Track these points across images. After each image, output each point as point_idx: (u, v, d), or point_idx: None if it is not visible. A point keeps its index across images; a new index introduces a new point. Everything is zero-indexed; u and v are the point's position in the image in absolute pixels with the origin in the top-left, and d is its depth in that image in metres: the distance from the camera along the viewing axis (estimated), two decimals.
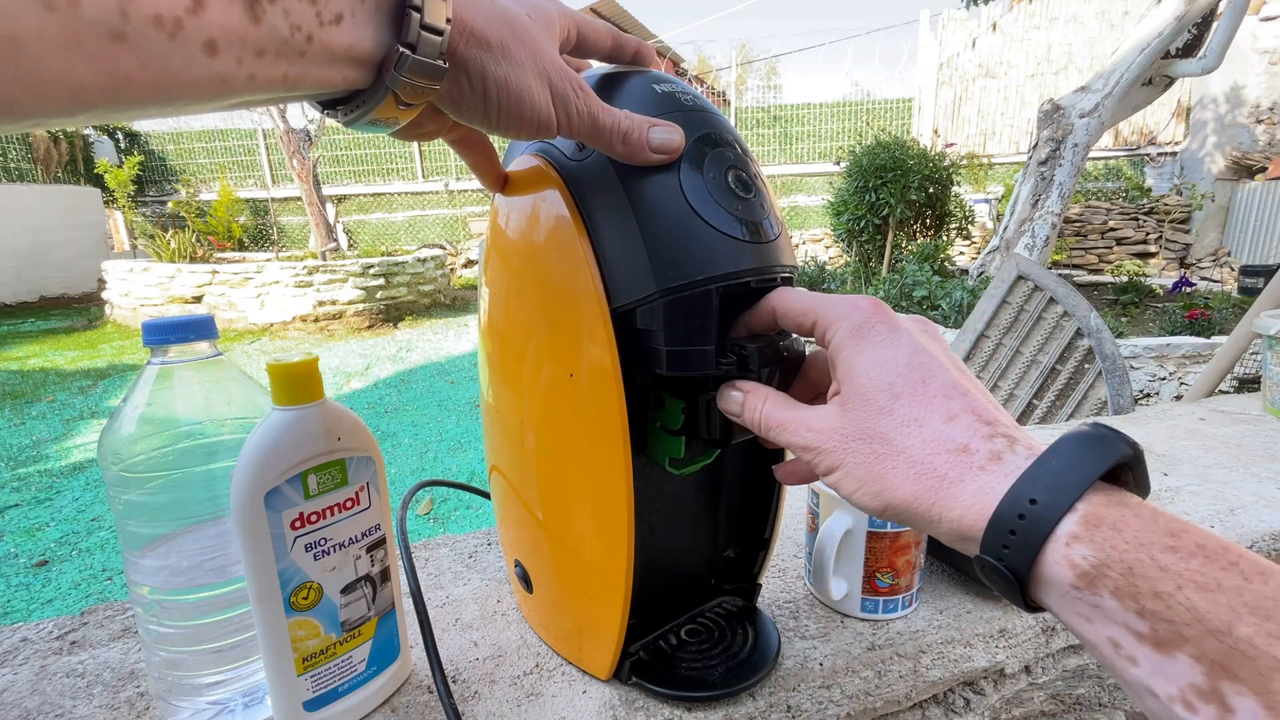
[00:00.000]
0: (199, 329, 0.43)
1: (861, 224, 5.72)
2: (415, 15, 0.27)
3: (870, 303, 0.33)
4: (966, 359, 2.44)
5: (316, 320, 6.47)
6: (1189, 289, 4.69)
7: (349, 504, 0.42)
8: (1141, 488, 0.27)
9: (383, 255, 7.65)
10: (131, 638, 0.55)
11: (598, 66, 0.45)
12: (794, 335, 0.40)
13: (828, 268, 5.37)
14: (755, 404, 0.36)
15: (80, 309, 8.12)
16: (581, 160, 0.40)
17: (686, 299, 0.38)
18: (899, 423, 0.30)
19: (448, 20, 0.28)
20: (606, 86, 0.41)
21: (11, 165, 9.20)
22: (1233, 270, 6.20)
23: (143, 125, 10.79)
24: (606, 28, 0.40)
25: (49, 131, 9.46)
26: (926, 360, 0.31)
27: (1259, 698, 0.20)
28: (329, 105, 0.30)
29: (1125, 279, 5.10)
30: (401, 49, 0.27)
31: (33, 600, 2.30)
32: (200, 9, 0.21)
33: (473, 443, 3.63)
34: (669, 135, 0.37)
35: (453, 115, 0.33)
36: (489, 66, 0.31)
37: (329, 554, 0.41)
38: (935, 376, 0.30)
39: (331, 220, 9.03)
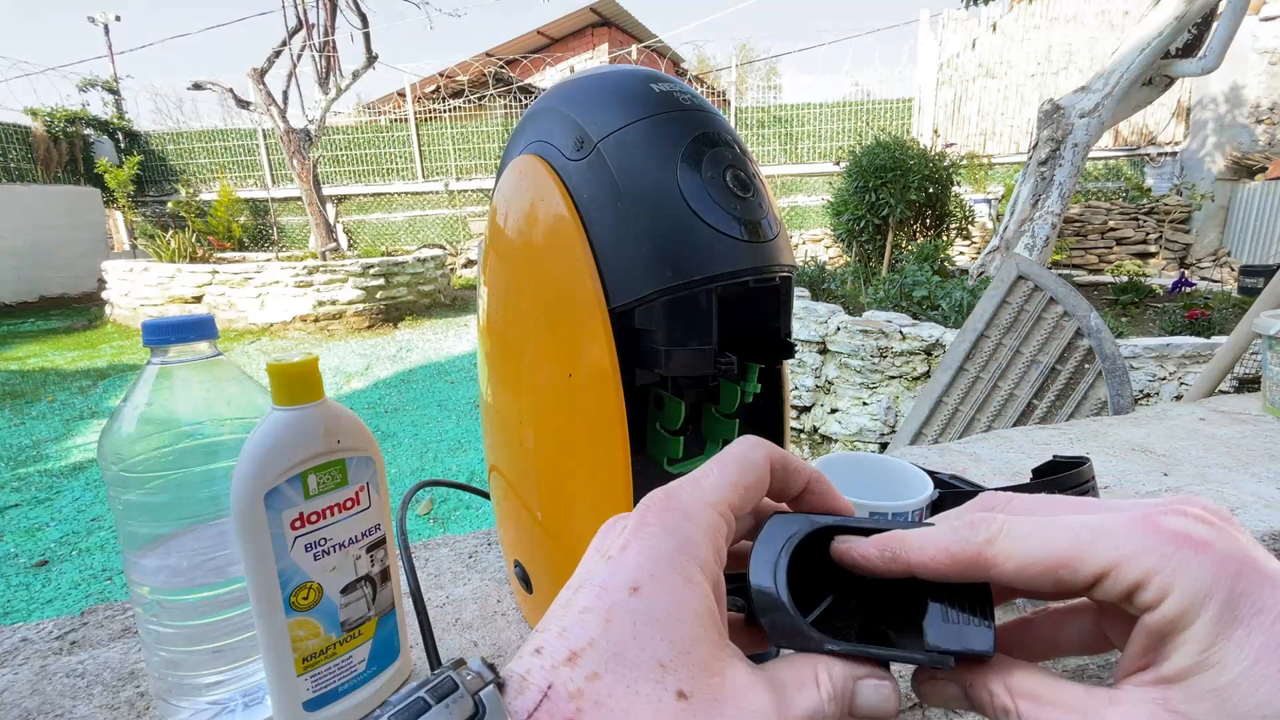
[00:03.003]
0: (199, 329, 0.43)
1: (861, 224, 5.72)
2: None
3: (1222, 539, 0.20)
4: (966, 359, 2.44)
5: (316, 320, 6.47)
6: (1189, 289, 4.69)
7: (349, 504, 0.42)
8: None
9: (383, 255, 7.67)
10: (131, 638, 0.55)
11: (596, 66, 0.45)
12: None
13: (827, 268, 5.37)
14: (1001, 698, 0.23)
15: (80, 309, 8.13)
16: (580, 160, 0.40)
17: (685, 299, 0.38)
18: None
19: None
20: (602, 88, 0.41)
21: (12, 165, 9.21)
22: (1233, 270, 6.20)
23: (142, 125, 10.80)
24: (758, 478, 0.25)
25: (49, 131, 9.48)
26: None
27: None
28: None
29: (1125, 279, 5.10)
30: None
31: (33, 600, 2.31)
32: None
33: (473, 443, 3.63)
34: (881, 698, 0.24)
35: None
36: None
37: (329, 554, 0.41)
38: None
39: (331, 220, 9.04)
